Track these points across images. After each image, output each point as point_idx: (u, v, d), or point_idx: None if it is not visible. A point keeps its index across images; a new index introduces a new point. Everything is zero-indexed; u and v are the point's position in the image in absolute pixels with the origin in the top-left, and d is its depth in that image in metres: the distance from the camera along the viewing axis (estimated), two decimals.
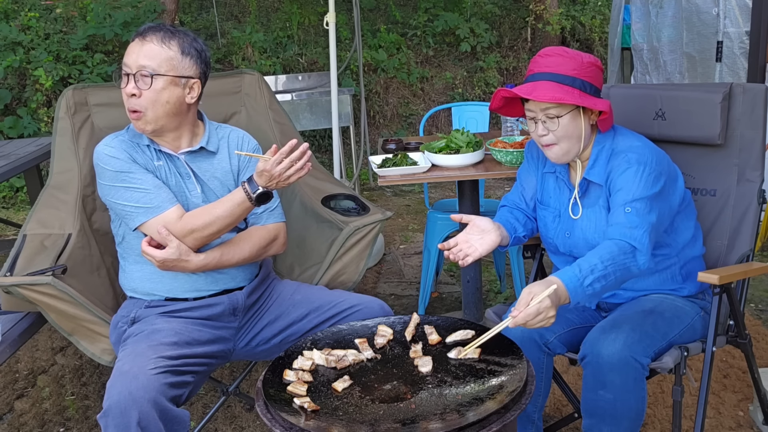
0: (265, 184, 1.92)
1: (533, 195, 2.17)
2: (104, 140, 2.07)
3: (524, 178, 2.20)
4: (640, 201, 1.85)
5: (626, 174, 1.89)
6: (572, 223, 2.04)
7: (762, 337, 2.97)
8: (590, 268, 1.71)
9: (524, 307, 1.65)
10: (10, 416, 2.78)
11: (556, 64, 1.89)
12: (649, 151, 1.93)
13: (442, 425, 1.46)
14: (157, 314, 2.04)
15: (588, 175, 1.98)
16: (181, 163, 2.08)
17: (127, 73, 1.97)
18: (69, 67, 5.86)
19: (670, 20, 5.22)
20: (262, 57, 6.78)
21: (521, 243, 2.19)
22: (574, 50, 1.93)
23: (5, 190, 5.91)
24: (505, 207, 2.21)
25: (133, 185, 1.98)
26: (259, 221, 2.15)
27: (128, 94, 1.96)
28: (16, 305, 2.10)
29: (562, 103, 1.86)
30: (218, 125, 2.20)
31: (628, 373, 1.81)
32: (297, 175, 1.91)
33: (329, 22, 3.95)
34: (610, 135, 1.99)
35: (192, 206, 2.06)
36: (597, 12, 8.09)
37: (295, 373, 1.72)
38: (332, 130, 4.45)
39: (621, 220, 1.84)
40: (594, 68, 1.91)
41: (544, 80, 1.88)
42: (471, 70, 7.36)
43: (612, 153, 1.96)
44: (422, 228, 4.80)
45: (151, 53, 1.96)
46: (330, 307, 2.12)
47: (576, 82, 1.87)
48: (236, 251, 2.07)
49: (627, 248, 1.78)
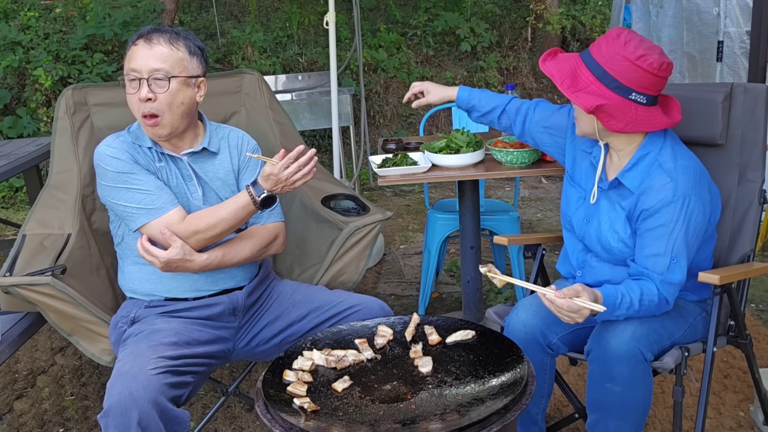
0: (271, 187, 1.92)
1: (550, 127, 2.24)
2: (105, 140, 2.06)
3: (561, 120, 2.22)
4: (683, 254, 1.85)
5: (669, 211, 1.83)
6: (592, 210, 2.02)
7: (763, 338, 2.97)
8: (628, 305, 1.82)
9: (570, 296, 1.72)
10: (9, 416, 2.78)
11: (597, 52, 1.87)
12: (695, 188, 1.85)
13: (442, 425, 1.46)
14: (156, 314, 2.04)
15: (622, 177, 1.94)
16: (183, 164, 2.08)
17: (136, 78, 1.94)
18: (68, 67, 5.86)
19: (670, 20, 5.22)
20: (262, 57, 6.78)
21: (485, 115, 2.43)
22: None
23: (5, 190, 5.90)
24: (519, 110, 2.34)
25: (134, 186, 1.97)
26: (260, 221, 2.15)
27: (143, 99, 1.93)
28: (15, 305, 2.10)
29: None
30: (217, 125, 2.20)
31: (636, 365, 1.81)
32: (303, 179, 1.92)
33: (329, 22, 3.95)
34: (659, 143, 1.91)
35: (193, 208, 2.05)
36: (597, 12, 8.09)
37: (295, 373, 1.72)
38: (332, 129, 4.44)
39: (662, 266, 1.85)
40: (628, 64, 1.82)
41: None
42: (471, 69, 7.35)
43: (654, 164, 1.89)
44: (422, 228, 4.79)
45: (162, 56, 1.95)
46: (330, 308, 2.12)
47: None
48: (238, 251, 2.07)
49: (663, 303, 1.87)
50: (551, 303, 1.74)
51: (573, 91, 1.84)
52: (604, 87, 1.82)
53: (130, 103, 1.98)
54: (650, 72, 1.80)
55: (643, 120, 1.84)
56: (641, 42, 1.82)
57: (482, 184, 3.58)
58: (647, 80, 1.81)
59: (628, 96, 1.82)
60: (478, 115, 2.44)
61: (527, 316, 2.02)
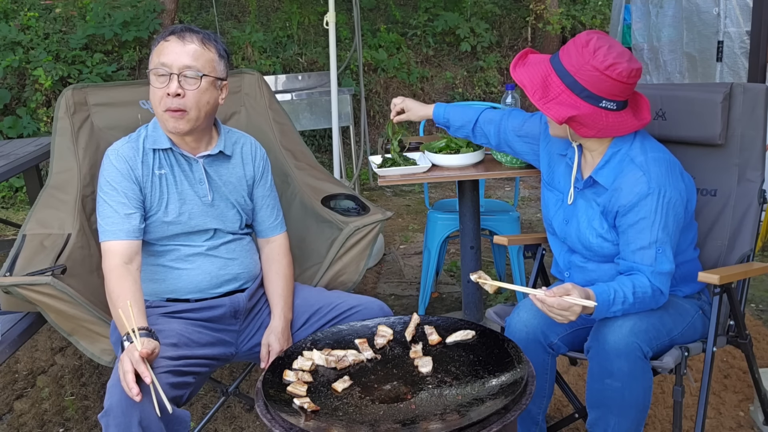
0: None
1: (524, 135, 2.28)
2: (117, 143, 2.05)
3: (533, 127, 2.25)
4: (667, 243, 1.87)
5: (647, 204, 1.86)
6: (570, 211, 2.05)
7: (762, 337, 2.97)
8: (622, 299, 1.82)
9: (560, 295, 1.72)
10: (9, 416, 2.78)
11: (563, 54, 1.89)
12: (668, 178, 1.88)
13: (442, 425, 1.46)
14: (158, 315, 2.04)
15: (595, 174, 1.97)
16: (198, 167, 2.07)
17: (166, 73, 1.93)
18: (68, 67, 5.86)
19: (670, 20, 5.22)
20: (262, 57, 6.78)
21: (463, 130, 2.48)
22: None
23: (5, 190, 5.90)
24: (492, 120, 2.38)
25: (109, 201, 1.98)
26: (274, 232, 2.23)
27: (172, 94, 1.93)
28: (15, 305, 2.10)
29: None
30: (229, 129, 2.20)
31: (636, 360, 1.82)
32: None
33: (329, 22, 3.95)
34: (629, 139, 1.94)
35: (196, 211, 2.06)
36: (597, 12, 8.09)
37: (295, 373, 1.72)
38: (332, 129, 4.44)
39: (650, 258, 1.86)
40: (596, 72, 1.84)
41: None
42: (471, 69, 7.36)
43: (625, 160, 1.92)
44: (422, 228, 4.79)
45: (195, 54, 1.94)
46: (329, 310, 2.12)
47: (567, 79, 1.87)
48: (287, 281, 2.17)
49: (658, 294, 1.88)
50: (542, 303, 1.75)
51: (544, 102, 1.86)
52: (575, 96, 1.84)
53: (154, 97, 1.96)
54: (620, 81, 1.82)
55: (614, 126, 1.88)
56: (610, 49, 1.82)
57: (482, 184, 3.58)
58: (617, 88, 1.83)
59: (599, 104, 1.84)
60: (454, 130, 2.51)
61: (529, 317, 2.02)
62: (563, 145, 2.09)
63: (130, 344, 1.74)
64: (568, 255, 2.12)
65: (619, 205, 1.90)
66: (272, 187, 2.25)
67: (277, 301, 2.13)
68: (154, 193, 2.02)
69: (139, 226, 1.99)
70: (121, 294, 1.87)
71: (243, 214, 2.15)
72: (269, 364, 1.86)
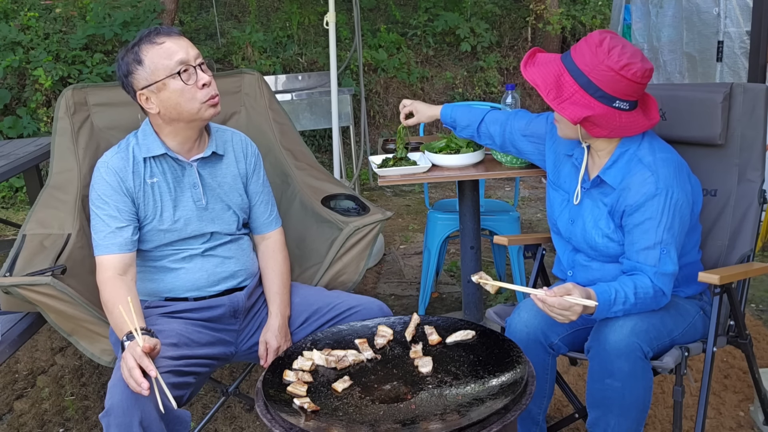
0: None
1: (530, 135, 2.29)
2: (106, 155, 2.04)
3: (539, 127, 2.26)
4: (671, 244, 1.87)
5: (654, 204, 1.86)
6: (576, 211, 2.04)
7: (762, 338, 2.97)
8: (624, 299, 1.82)
9: (561, 294, 1.73)
10: (9, 417, 2.78)
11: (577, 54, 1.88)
12: (675, 179, 1.88)
13: (442, 426, 1.46)
14: (157, 315, 2.04)
15: (603, 174, 1.97)
16: (192, 170, 2.06)
17: (188, 68, 1.93)
18: (68, 67, 5.86)
19: (670, 20, 5.22)
20: (262, 57, 6.78)
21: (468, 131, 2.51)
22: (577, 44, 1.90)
23: (5, 190, 5.90)
24: (497, 121, 2.39)
25: (101, 215, 1.98)
26: (269, 228, 2.23)
27: (207, 83, 1.95)
28: (15, 305, 2.10)
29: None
30: (218, 127, 2.19)
31: (636, 360, 1.82)
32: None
33: (329, 22, 3.95)
34: (637, 139, 1.95)
35: (190, 216, 2.05)
36: (597, 12, 8.09)
37: (295, 373, 1.72)
38: (332, 130, 4.44)
39: (654, 259, 1.86)
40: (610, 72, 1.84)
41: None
42: (471, 69, 7.35)
43: (634, 160, 1.92)
44: (422, 228, 4.79)
45: (191, 44, 1.98)
46: (329, 310, 2.12)
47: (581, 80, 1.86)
48: (279, 277, 2.17)
49: (660, 295, 1.88)
50: (543, 302, 1.75)
51: (559, 102, 1.86)
52: (589, 96, 1.84)
53: (187, 96, 1.93)
54: (634, 81, 1.82)
55: (626, 126, 1.89)
56: (624, 49, 1.82)
57: (482, 184, 3.58)
58: (631, 88, 1.84)
59: (612, 104, 1.85)
60: (460, 130, 2.53)
61: (529, 317, 2.02)
62: (569, 145, 2.09)
63: (131, 342, 1.74)
64: (572, 254, 2.12)
65: (626, 204, 1.90)
66: (265, 183, 2.24)
67: (273, 298, 2.13)
68: (148, 202, 2.02)
69: (132, 238, 1.99)
70: (117, 302, 1.87)
71: (240, 214, 2.15)
72: (269, 363, 1.86)
